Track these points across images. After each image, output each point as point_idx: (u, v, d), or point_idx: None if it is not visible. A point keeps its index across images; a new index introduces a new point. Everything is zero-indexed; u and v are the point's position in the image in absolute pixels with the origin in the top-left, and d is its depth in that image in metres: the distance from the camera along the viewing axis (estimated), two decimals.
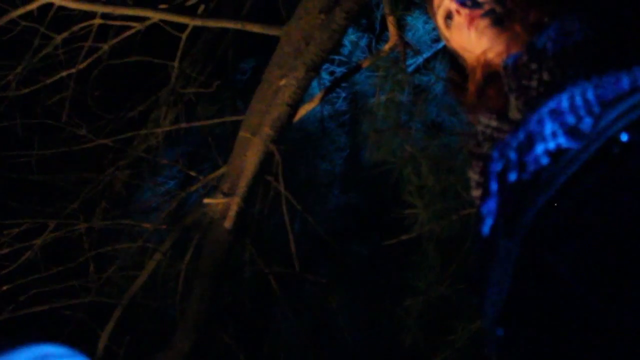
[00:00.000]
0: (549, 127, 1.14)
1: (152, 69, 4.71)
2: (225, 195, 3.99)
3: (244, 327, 5.09)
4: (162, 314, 4.98)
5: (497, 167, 1.23)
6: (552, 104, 1.15)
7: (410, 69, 4.89)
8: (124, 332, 4.60)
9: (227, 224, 4.01)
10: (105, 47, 4.48)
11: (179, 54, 4.52)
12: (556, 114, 1.14)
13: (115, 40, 4.49)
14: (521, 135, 1.18)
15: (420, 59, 5.09)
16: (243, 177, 3.99)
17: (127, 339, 4.58)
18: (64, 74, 4.47)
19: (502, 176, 1.21)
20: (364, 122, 5.28)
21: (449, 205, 4.40)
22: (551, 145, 1.12)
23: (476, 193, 1.34)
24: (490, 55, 1.31)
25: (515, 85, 1.24)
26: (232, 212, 3.99)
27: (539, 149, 1.14)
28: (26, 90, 4.47)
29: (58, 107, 4.52)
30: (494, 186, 1.22)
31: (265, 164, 4.06)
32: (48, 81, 4.47)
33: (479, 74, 1.34)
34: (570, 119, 1.13)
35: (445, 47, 1.47)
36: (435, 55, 5.12)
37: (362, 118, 5.37)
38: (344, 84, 5.55)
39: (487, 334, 1.20)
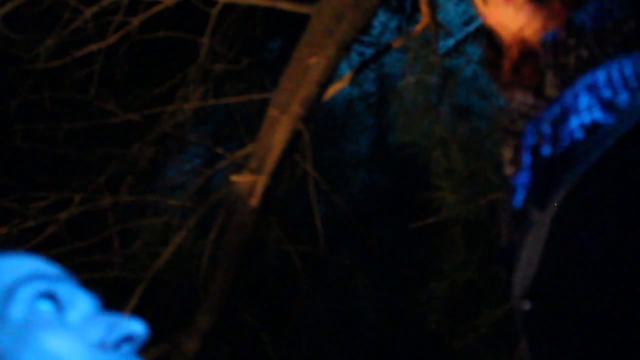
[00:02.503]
0: (584, 101, 1.12)
1: (181, 45, 4.69)
2: (253, 172, 3.97)
3: (267, 306, 5.09)
4: (185, 291, 4.99)
5: (531, 141, 1.21)
6: (588, 79, 1.14)
7: (440, 52, 4.85)
8: (147, 309, 4.60)
9: (253, 202, 4.00)
10: (135, 22, 4.46)
11: (208, 30, 4.50)
12: (592, 89, 1.13)
13: (144, 15, 4.47)
14: (556, 110, 1.17)
15: (451, 42, 5.04)
16: (270, 155, 3.97)
17: (150, 316, 4.58)
18: (93, 48, 4.46)
19: (535, 150, 1.20)
20: (392, 104, 5.25)
21: (477, 189, 4.37)
22: (586, 119, 1.11)
23: (509, 170, 1.33)
24: (527, 32, 1.29)
25: (552, 62, 1.22)
26: (258, 190, 3.98)
27: (574, 123, 1.13)
28: (55, 64, 4.47)
29: (86, 82, 4.52)
30: (527, 159, 1.21)
31: (293, 143, 4.04)
32: (77, 55, 4.46)
33: (515, 51, 1.32)
34: (607, 94, 1.11)
35: (480, 25, 1.45)
36: (466, 39, 5.08)
37: (391, 100, 5.34)
38: (372, 66, 5.52)
39: (514, 308, 1.19)
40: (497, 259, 1.30)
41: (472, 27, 5.00)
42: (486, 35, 1.40)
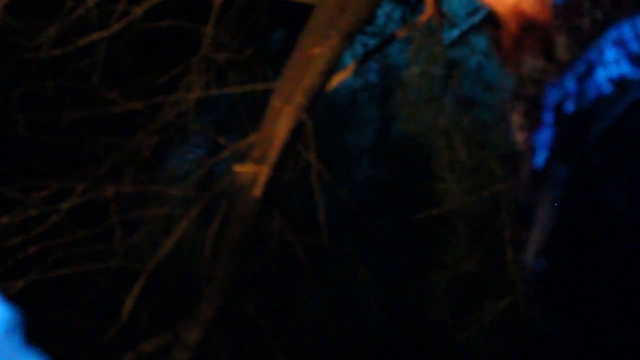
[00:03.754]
0: (611, 54, 1.10)
1: (184, 35, 4.67)
2: (255, 163, 3.96)
3: (269, 296, 5.09)
4: (188, 281, 4.98)
5: (552, 100, 1.19)
6: (613, 35, 1.12)
7: (444, 42, 4.83)
8: (149, 299, 4.60)
9: (256, 192, 3.99)
10: (138, 10, 4.44)
11: (211, 20, 4.48)
12: (619, 43, 1.11)
13: (148, 4, 4.45)
14: (580, 67, 1.15)
15: (455, 33, 5.02)
16: (273, 145, 3.96)
17: (152, 306, 4.58)
18: (95, 37, 4.44)
19: (558, 108, 1.18)
20: (396, 95, 5.24)
21: (480, 181, 4.36)
22: (614, 72, 1.09)
23: (520, 136, 1.31)
24: (524, 5, 1.28)
25: (564, 24, 1.20)
26: (261, 181, 3.97)
27: (600, 75, 1.10)
28: (58, 53, 4.45)
29: (89, 71, 4.51)
30: (548, 118, 1.19)
31: (296, 133, 4.03)
32: (80, 44, 4.44)
33: (514, 25, 1.30)
34: (635, 47, 1.09)
35: (485, 15, 1.44)
36: (470, 30, 5.05)
37: (394, 90, 5.33)
38: (376, 56, 5.50)
39: (527, 269, 1.17)
40: (517, 220, 1.29)
41: (476, 18, 4.98)
42: (490, 16, 1.39)
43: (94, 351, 4.54)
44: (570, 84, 1.14)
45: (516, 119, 1.28)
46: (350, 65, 4.56)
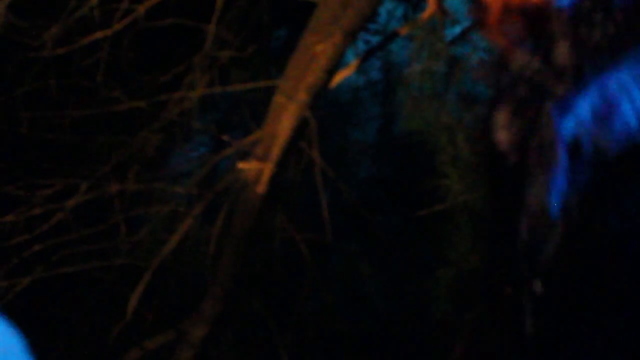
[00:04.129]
0: (635, 88, 1.08)
1: (187, 33, 4.68)
2: (259, 160, 3.97)
3: (273, 294, 5.09)
4: (192, 279, 4.99)
5: (567, 131, 1.15)
6: (636, 69, 1.09)
7: (446, 39, 4.84)
8: (154, 296, 4.61)
9: (260, 189, 4.00)
10: (141, 9, 4.45)
11: (214, 18, 4.49)
12: None
13: (150, 3, 4.46)
14: (594, 94, 1.11)
15: (457, 30, 5.03)
16: (277, 142, 3.97)
17: (156, 303, 4.59)
18: (99, 35, 4.45)
19: (574, 147, 1.13)
20: (398, 92, 5.24)
21: (483, 177, 4.36)
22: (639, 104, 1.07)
23: (504, 135, 1.26)
24: None
25: (570, 32, 1.17)
26: (265, 178, 3.98)
27: (626, 109, 1.08)
28: (61, 52, 4.46)
29: (93, 69, 4.52)
30: (563, 157, 1.14)
31: (300, 130, 4.04)
32: (83, 43, 4.45)
33: (497, 8, 1.29)
34: None
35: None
36: (472, 26, 5.05)
37: (397, 87, 5.33)
38: (379, 54, 5.51)
39: (517, 284, 1.16)
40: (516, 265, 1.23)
41: None
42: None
43: (99, 349, 4.56)
44: (584, 111, 1.11)
45: (501, 118, 1.24)
46: (352, 63, 4.57)
